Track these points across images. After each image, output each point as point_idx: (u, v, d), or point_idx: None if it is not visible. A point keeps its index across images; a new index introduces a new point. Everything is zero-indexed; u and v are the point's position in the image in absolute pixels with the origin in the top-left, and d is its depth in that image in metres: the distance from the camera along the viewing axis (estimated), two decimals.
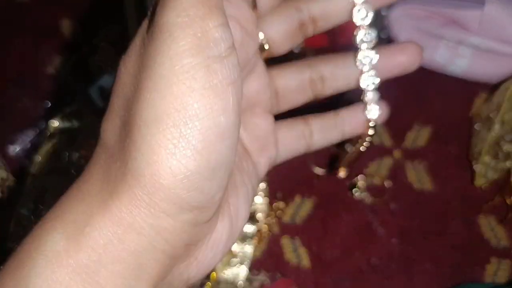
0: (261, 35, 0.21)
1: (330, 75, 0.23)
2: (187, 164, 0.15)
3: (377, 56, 0.21)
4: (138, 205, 0.16)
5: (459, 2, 0.42)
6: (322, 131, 0.23)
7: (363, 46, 0.21)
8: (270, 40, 0.21)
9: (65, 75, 0.44)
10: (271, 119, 0.23)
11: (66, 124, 0.38)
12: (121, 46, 0.52)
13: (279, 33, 0.21)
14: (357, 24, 0.20)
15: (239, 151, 0.21)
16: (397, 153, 0.43)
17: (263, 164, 0.22)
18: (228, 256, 0.37)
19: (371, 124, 0.23)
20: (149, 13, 0.16)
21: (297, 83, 0.23)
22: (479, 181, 0.40)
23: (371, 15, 0.20)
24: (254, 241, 0.39)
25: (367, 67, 0.21)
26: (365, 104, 0.22)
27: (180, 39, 0.15)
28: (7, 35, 0.50)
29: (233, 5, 0.18)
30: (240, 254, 0.37)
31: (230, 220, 0.19)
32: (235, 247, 0.37)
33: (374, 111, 0.22)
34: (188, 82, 0.15)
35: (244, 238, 0.37)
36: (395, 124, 0.44)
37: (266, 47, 0.21)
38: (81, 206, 0.16)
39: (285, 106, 0.23)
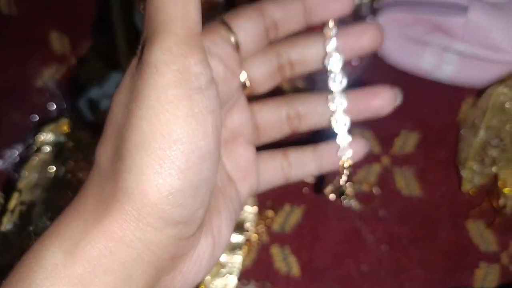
0: (244, 74, 0.23)
1: (305, 113, 0.24)
2: (171, 182, 0.18)
3: (346, 101, 0.23)
4: (127, 220, 0.18)
5: (443, 9, 0.42)
6: (300, 165, 0.25)
7: (335, 90, 0.23)
8: (252, 79, 0.24)
9: (53, 88, 0.44)
10: (253, 150, 0.24)
11: (54, 138, 0.38)
12: (109, 58, 0.53)
13: (260, 74, 0.24)
14: (329, 70, 0.23)
15: (223, 178, 0.23)
16: (385, 160, 0.43)
17: (245, 192, 0.24)
18: (217, 267, 0.37)
19: (345, 165, 0.24)
20: (137, 52, 0.19)
21: (275, 118, 0.25)
22: (466, 187, 0.41)
23: (342, 61, 0.22)
24: (244, 250, 0.39)
25: (339, 110, 0.23)
26: (338, 144, 0.24)
27: (165, 74, 0.17)
28: None
29: (218, 45, 0.21)
30: (229, 264, 0.37)
31: (213, 239, 0.21)
32: (224, 258, 0.37)
33: (347, 152, 0.23)
34: (172, 111, 0.17)
35: (233, 248, 0.38)
36: (382, 130, 0.44)
37: (248, 84, 0.23)
38: (77, 223, 0.18)
39: (265, 139, 0.25)
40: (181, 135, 0.17)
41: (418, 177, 0.43)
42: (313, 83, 0.24)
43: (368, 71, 0.46)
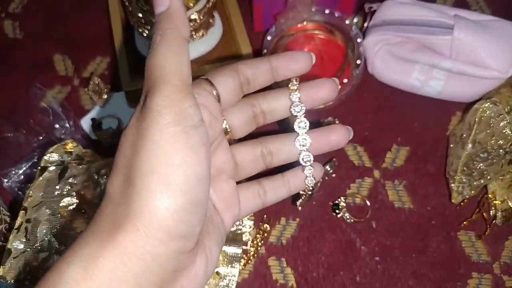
0: (224, 122, 0.27)
1: (276, 150, 0.29)
2: (176, 201, 0.21)
3: (310, 140, 0.28)
4: (138, 235, 0.21)
5: (430, 28, 0.44)
6: (273, 190, 0.29)
7: (300, 132, 0.27)
8: (231, 126, 0.28)
9: (57, 108, 0.45)
10: (234, 184, 0.28)
11: (58, 157, 0.39)
12: (110, 78, 0.54)
13: (237, 121, 0.28)
14: (294, 115, 0.27)
15: (210, 208, 0.27)
16: (377, 173, 0.45)
17: (229, 220, 0.27)
18: (216, 280, 0.38)
19: (309, 187, 0.29)
20: (140, 101, 0.23)
21: (252, 156, 0.29)
22: (456, 199, 0.42)
23: (304, 108, 0.27)
24: (242, 263, 0.40)
25: (304, 148, 0.28)
26: (304, 173, 0.29)
27: (166, 115, 0.22)
28: (0, 70, 0.51)
29: (203, 97, 0.25)
30: (227, 276, 0.38)
31: (206, 257, 0.24)
32: (223, 270, 0.38)
33: (310, 180, 0.29)
34: (173, 143, 0.21)
35: (230, 260, 0.39)
36: (374, 145, 0.46)
37: (229, 130, 0.28)
38: (94, 242, 0.21)
39: (243, 174, 0.29)
40: (182, 162, 0.22)
41: (410, 190, 0.44)
42: (287, 125, 0.28)
43: (359, 88, 0.47)
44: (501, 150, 0.39)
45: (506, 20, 0.44)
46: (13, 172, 0.40)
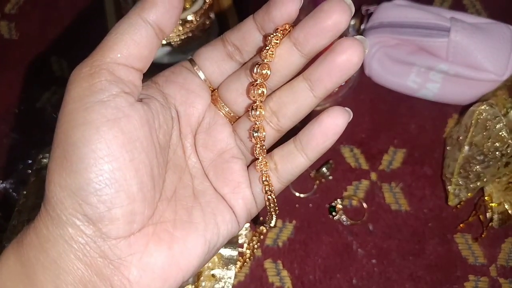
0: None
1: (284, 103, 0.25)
2: (70, 182, 0.20)
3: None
4: (48, 220, 0.21)
5: (426, 30, 0.44)
6: (286, 158, 0.25)
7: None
8: (227, 100, 0.25)
9: (52, 110, 0.45)
10: (241, 162, 0.25)
11: None
12: None
13: (235, 95, 0.25)
14: (253, 142, 0.25)
15: (207, 195, 0.24)
16: (374, 176, 0.45)
17: (240, 205, 0.24)
18: (212, 282, 0.38)
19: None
20: None
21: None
22: (453, 201, 0.42)
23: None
24: (238, 265, 0.39)
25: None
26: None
27: (74, 88, 0.21)
28: None
29: (177, 75, 0.25)
30: (223, 279, 0.38)
31: (170, 249, 0.22)
32: (218, 272, 0.38)
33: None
34: (70, 122, 0.21)
35: (226, 262, 0.38)
36: (371, 147, 0.46)
37: (226, 110, 0.25)
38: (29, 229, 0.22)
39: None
40: (77, 140, 0.20)
41: (406, 192, 0.44)
42: None
43: (356, 90, 0.47)
44: (497, 153, 0.38)
45: (502, 23, 0.44)
46: (8, 173, 0.40)
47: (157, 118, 0.23)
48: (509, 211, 0.41)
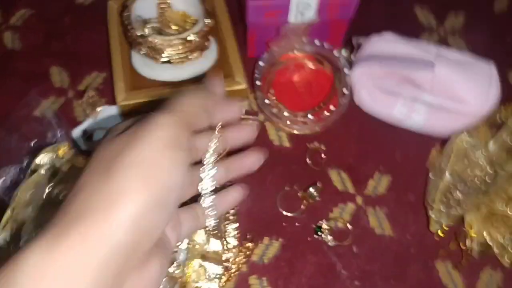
0: None
1: None
2: (147, 198, 0.24)
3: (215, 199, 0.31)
4: (107, 224, 0.22)
5: (413, 64, 0.47)
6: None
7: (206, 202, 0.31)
8: None
9: (50, 118, 0.45)
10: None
11: (49, 161, 0.39)
12: (105, 92, 0.55)
13: None
14: (202, 193, 0.31)
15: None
16: (359, 199, 0.46)
17: (174, 240, 0.29)
18: None
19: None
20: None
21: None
22: (434, 227, 0.43)
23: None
24: (223, 279, 0.40)
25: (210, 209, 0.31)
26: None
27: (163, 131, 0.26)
28: None
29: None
30: None
31: (159, 265, 0.26)
32: (202, 284, 0.38)
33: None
34: (160, 156, 0.25)
35: (211, 277, 0.39)
36: (358, 172, 0.47)
37: None
38: (57, 231, 0.23)
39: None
40: (167, 165, 0.25)
41: (390, 217, 0.45)
42: None
43: (345, 117, 0.49)
44: (477, 181, 0.40)
45: (483, 59, 0.47)
46: (3, 177, 0.40)
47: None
48: (489, 242, 0.42)
